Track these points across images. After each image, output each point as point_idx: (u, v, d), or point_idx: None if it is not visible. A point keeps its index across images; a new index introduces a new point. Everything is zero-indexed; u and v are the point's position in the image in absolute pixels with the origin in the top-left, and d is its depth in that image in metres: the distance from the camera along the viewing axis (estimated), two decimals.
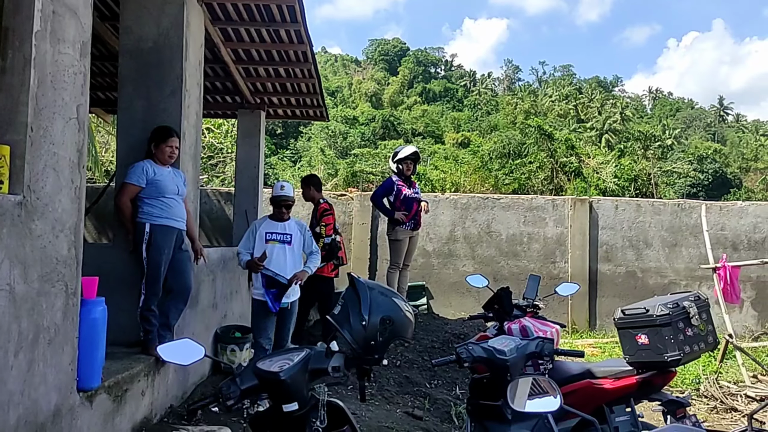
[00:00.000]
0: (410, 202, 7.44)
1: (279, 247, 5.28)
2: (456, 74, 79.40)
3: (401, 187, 7.43)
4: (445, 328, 7.68)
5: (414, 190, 7.53)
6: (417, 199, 7.51)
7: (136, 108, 4.60)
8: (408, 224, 7.49)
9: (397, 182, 7.45)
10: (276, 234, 5.30)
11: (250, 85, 7.73)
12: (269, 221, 5.39)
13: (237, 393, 2.27)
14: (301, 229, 5.45)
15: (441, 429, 5.25)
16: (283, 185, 5.41)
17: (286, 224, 5.36)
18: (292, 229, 5.39)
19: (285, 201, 5.32)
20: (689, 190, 31.93)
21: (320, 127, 43.15)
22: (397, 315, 2.32)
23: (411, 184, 7.53)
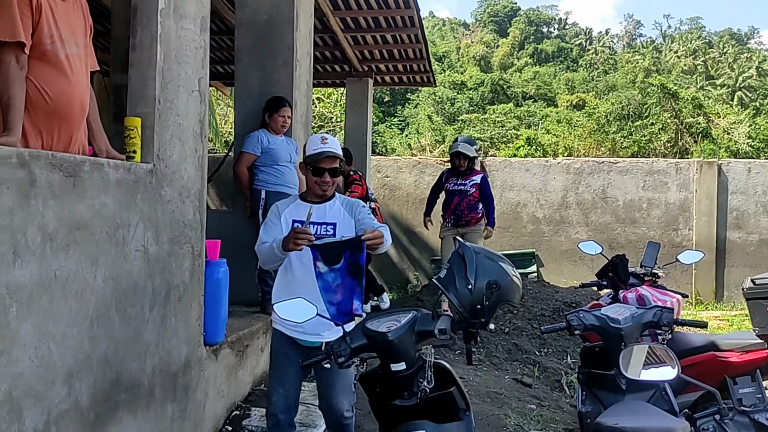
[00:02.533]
0: (451, 196, 6.70)
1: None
2: (570, 33, 75.76)
3: (448, 179, 6.77)
4: (555, 296, 7.52)
5: (459, 182, 6.66)
6: (459, 192, 6.62)
7: (251, 79, 4.80)
8: (447, 220, 6.71)
9: (447, 174, 6.83)
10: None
11: (358, 53, 7.81)
12: (299, 203, 3.06)
13: (347, 351, 2.36)
14: (350, 209, 3.06)
15: (551, 397, 5.20)
16: (325, 137, 3.04)
17: (326, 207, 3.02)
18: (334, 213, 3.03)
19: (331, 159, 2.96)
20: None
21: (427, 93, 42.86)
22: (503, 279, 2.31)
23: (462, 176, 6.67)
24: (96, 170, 2.42)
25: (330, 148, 2.93)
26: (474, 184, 6.50)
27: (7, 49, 2.27)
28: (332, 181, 2.97)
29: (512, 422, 4.42)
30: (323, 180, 2.94)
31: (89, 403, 2.41)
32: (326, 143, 2.95)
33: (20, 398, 2.04)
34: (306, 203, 3.01)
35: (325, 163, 2.92)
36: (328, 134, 3.11)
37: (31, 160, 2.06)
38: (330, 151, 2.92)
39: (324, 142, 2.97)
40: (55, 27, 2.41)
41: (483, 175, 6.56)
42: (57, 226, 2.19)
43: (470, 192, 6.53)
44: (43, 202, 2.12)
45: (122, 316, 2.59)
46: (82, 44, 2.59)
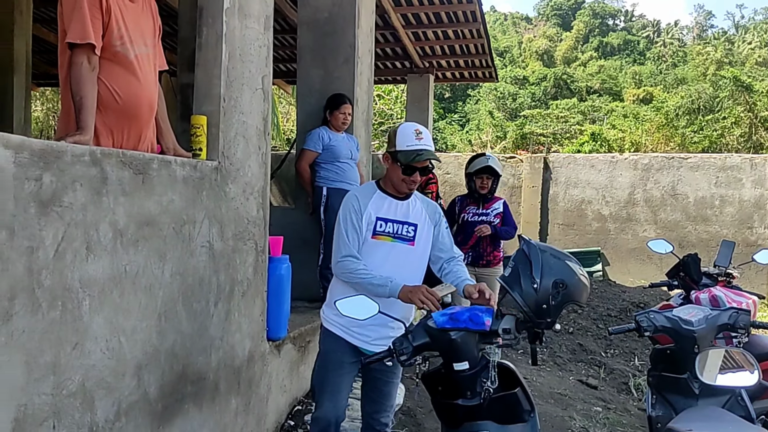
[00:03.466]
0: (468, 228, 5.04)
1: (393, 246, 2.68)
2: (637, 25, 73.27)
3: (464, 207, 5.16)
4: (622, 296, 7.30)
5: (479, 211, 5.08)
6: (480, 224, 5.03)
7: (313, 77, 4.84)
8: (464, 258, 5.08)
9: (461, 202, 5.20)
10: (391, 223, 2.69)
11: (419, 49, 7.77)
12: (381, 195, 2.72)
13: (409, 349, 2.33)
14: (432, 213, 2.79)
15: (618, 400, 5.03)
16: (420, 129, 2.68)
17: (408, 205, 2.73)
18: (416, 214, 2.74)
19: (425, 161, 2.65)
20: None
21: (488, 89, 42.36)
22: (570, 279, 2.23)
23: (483, 203, 5.11)
24: (164, 168, 2.48)
25: (426, 146, 2.63)
26: (498, 213, 5.09)
27: (79, 50, 2.34)
28: (421, 180, 2.71)
29: (577, 425, 4.29)
30: (412, 179, 2.66)
31: (157, 395, 2.47)
32: (422, 139, 2.62)
33: (92, 389, 2.11)
34: (390, 198, 2.72)
35: (419, 163, 2.63)
36: (423, 126, 2.73)
37: (102, 158, 2.13)
38: (427, 150, 2.63)
39: (419, 137, 2.61)
40: (124, 28, 2.48)
41: (503, 200, 5.22)
42: (127, 222, 2.25)
43: (494, 224, 5.03)
44: (114, 199, 2.19)
45: (188, 311, 2.65)
46: (151, 44, 2.66)
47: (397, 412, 4.00)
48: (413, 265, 2.71)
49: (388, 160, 2.68)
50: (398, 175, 2.65)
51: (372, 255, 2.59)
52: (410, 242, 2.68)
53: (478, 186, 5.04)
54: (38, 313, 1.86)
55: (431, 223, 2.76)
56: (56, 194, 1.92)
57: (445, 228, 2.82)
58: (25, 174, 1.80)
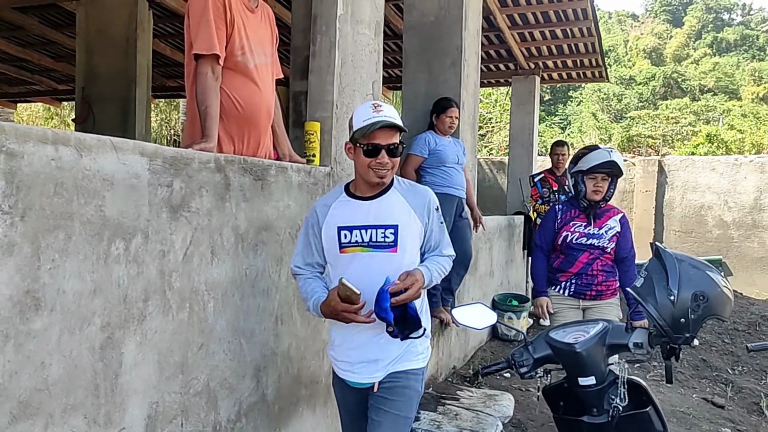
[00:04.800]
0: (572, 252, 3.62)
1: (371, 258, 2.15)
2: (756, 18, 68.28)
3: (567, 222, 3.65)
4: (750, 309, 6.75)
5: (590, 230, 3.60)
6: (589, 247, 3.59)
7: (419, 81, 4.81)
8: (563, 286, 3.66)
9: (563, 212, 3.69)
10: (360, 230, 2.16)
11: (525, 50, 7.58)
12: (346, 201, 2.20)
13: (530, 361, 2.25)
14: (420, 206, 2.20)
15: (749, 421, 4.63)
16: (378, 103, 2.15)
17: (382, 202, 2.18)
18: (396, 211, 2.18)
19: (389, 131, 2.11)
20: None
21: (591, 90, 40.91)
22: (712, 291, 2.05)
23: (594, 218, 3.62)
24: (281, 174, 2.51)
25: (387, 117, 2.07)
26: (615, 234, 3.61)
27: (204, 61, 2.42)
28: (392, 163, 2.11)
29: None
30: (380, 161, 2.08)
31: (274, 396, 2.50)
32: (381, 111, 2.08)
33: (216, 389, 2.16)
34: (355, 200, 2.17)
35: (381, 137, 2.07)
36: (382, 101, 2.21)
37: (226, 165, 2.18)
38: (388, 121, 2.05)
39: (378, 110, 2.09)
40: (246, 38, 2.55)
41: (623, 214, 3.74)
42: (247, 226, 2.30)
43: (608, 248, 3.60)
44: (236, 204, 2.24)
45: (302, 315, 2.68)
46: (269, 54, 2.71)
47: (506, 425, 3.87)
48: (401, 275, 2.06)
49: (351, 150, 2.16)
50: (363, 161, 2.10)
51: (348, 272, 2.09)
52: (391, 248, 2.11)
53: (590, 190, 3.52)
54: (169, 314, 1.92)
55: (420, 218, 2.18)
56: (185, 200, 1.98)
57: (438, 224, 2.24)
58: (158, 180, 1.86)
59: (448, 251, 2.29)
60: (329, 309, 2.03)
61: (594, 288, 3.61)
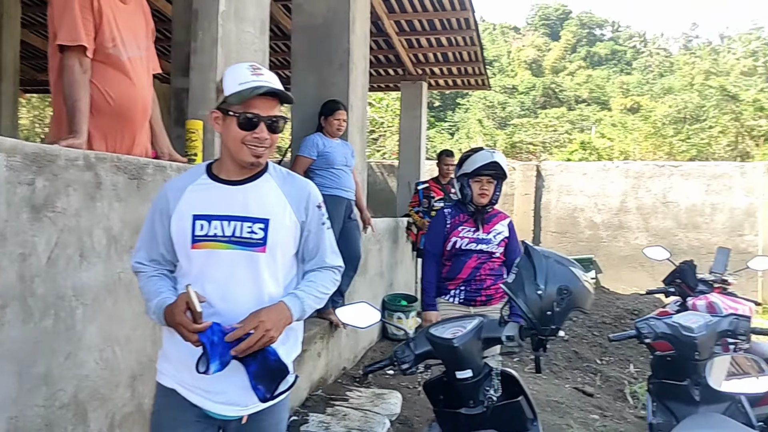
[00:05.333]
0: (461, 258, 3.48)
1: (231, 257, 1.74)
2: (624, 35, 74.01)
3: (456, 227, 3.50)
4: (615, 303, 7.29)
5: (477, 234, 3.48)
6: (478, 251, 3.47)
7: (307, 83, 4.80)
8: (452, 293, 3.52)
9: (452, 216, 3.53)
10: (220, 221, 1.74)
11: (412, 56, 7.77)
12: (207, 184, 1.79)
13: (411, 358, 2.29)
14: (298, 203, 1.82)
15: (614, 407, 5.00)
16: (258, 66, 1.77)
17: (253, 189, 1.78)
18: (269, 201, 1.79)
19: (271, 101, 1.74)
20: None
21: (478, 97, 42.54)
22: (575, 285, 2.19)
23: (482, 222, 3.51)
24: (159, 173, 2.42)
25: (269, 82, 1.69)
26: (503, 239, 3.54)
27: (71, 53, 2.29)
28: (272, 140, 1.73)
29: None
30: (258, 136, 1.69)
31: (152, 405, 2.40)
32: (261, 75, 1.70)
33: (85, 401, 2.04)
34: (220, 184, 1.76)
35: (262, 107, 1.69)
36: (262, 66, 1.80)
37: (96, 162, 2.07)
38: (271, 87, 1.68)
39: (257, 73, 1.70)
40: (117, 30, 2.43)
41: (509, 219, 3.68)
42: (122, 228, 2.20)
43: (496, 253, 3.52)
44: (109, 204, 2.13)
45: None
46: (144, 47, 2.61)
47: (394, 422, 3.95)
48: (271, 283, 1.76)
49: (219, 120, 1.73)
50: (234, 134, 1.69)
51: (201, 274, 1.71)
52: (258, 247, 1.72)
53: (476, 193, 3.42)
54: (30, 322, 1.80)
55: (297, 214, 1.80)
56: (49, 199, 1.86)
57: (319, 225, 1.86)
58: (18, 178, 1.74)
59: (333, 261, 1.93)
60: (171, 317, 1.64)
61: (483, 293, 3.52)
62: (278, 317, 1.68)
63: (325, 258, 1.91)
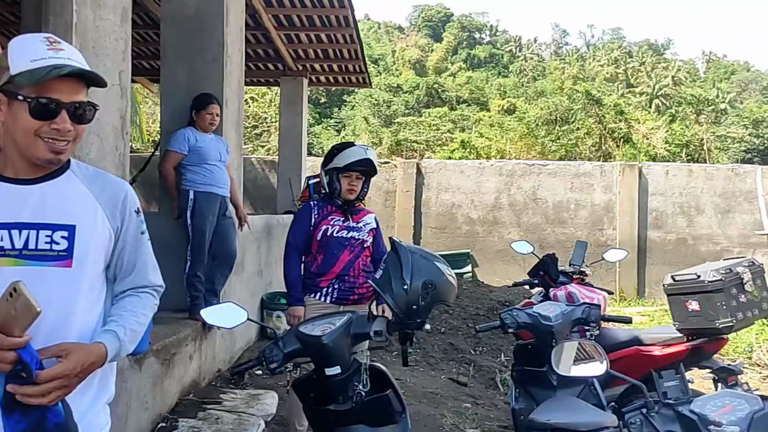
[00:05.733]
0: (334, 250, 3.44)
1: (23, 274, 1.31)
2: (501, 40, 77.66)
3: (325, 216, 3.47)
4: (489, 296, 7.63)
5: (348, 224, 3.48)
6: (349, 242, 3.47)
7: (178, 75, 4.62)
8: (324, 291, 3.44)
9: (319, 208, 3.49)
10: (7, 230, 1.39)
11: (292, 51, 7.69)
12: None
13: (280, 356, 2.27)
14: (114, 206, 1.53)
15: (486, 395, 5.24)
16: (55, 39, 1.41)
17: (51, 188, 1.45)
18: (74, 203, 1.47)
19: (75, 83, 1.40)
20: (743, 156, 30.63)
21: (364, 95, 42.96)
22: (439, 279, 2.27)
23: (352, 214, 3.51)
24: None
25: (73, 61, 1.38)
26: (371, 230, 3.58)
27: None
28: (76, 132, 1.43)
29: (448, 422, 4.42)
30: (58, 127, 1.38)
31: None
32: (61, 51, 1.38)
33: None
34: (5, 184, 1.42)
35: (64, 91, 1.38)
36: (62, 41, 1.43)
37: None
38: (76, 67, 1.38)
39: (55, 47, 1.38)
40: None
41: (374, 214, 3.74)
42: None
43: (367, 242, 3.54)
44: None
45: None
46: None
47: (269, 423, 3.90)
48: (81, 307, 1.45)
49: (2, 104, 1.39)
50: (25, 124, 1.36)
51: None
52: (62, 261, 1.41)
53: (345, 188, 3.40)
54: None
55: (111, 220, 1.52)
56: None
57: (138, 235, 1.59)
58: None
59: (154, 279, 1.62)
60: None
61: (356, 291, 3.46)
62: (89, 360, 1.36)
63: (145, 276, 1.59)
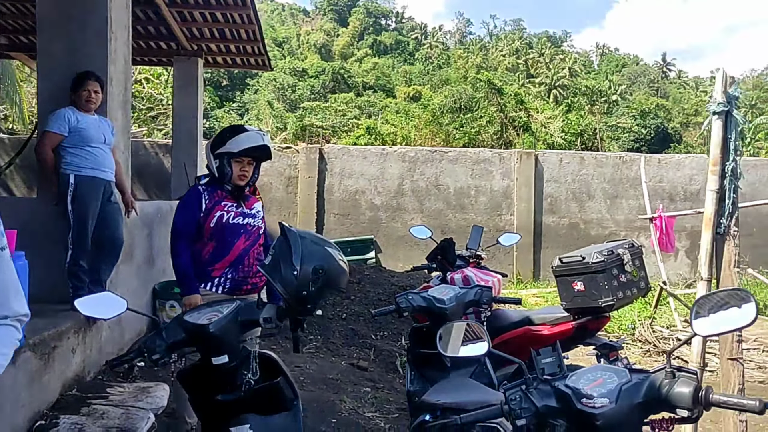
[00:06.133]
0: (228, 237, 3.28)
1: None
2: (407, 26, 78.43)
3: (217, 202, 3.27)
4: (391, 281, 7.70)
5: (241, 209, 3.33)
6: (244, 228, 3.32)
7: (56, 52, 4.30)
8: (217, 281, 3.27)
9: (210, 193, 3.28)
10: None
11: (186, 30, 7.36)
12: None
13: (163, 347, 2.18)
14: None
15: (386, 379, 5.29)
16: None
17: None
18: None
19: None
20: (633, 145, 32.70)
21: (268, 79, 42.15)
22: (330, 264, 2.24)
23: (243, 201, 3.36)
24: None
25: None
26: (262, 216, 3.51)
27: None
28: None
29: (347, 407, 4.43)
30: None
31: None
32: None
33: None
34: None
35: None
36: None
37: None
38: None
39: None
40: None
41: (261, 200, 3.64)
42: None
43: (262, 228, 3.46)
44: None
45: None
46: None
47: (160, 416, 3.75)
48: None
49: None
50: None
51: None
52: None
53: (236, 174, 3.26)
54: None
55: None
56: None
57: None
58: None
59: (17, 308, 1.40)
60: None
61: (250, 281, 3.33)
62: None
63: (5, 303, 1.35)
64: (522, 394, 1.73)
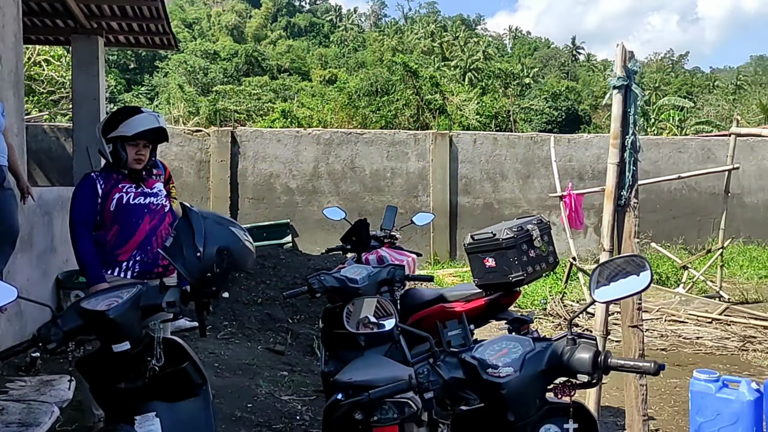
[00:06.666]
0: (133, 219, 3.19)
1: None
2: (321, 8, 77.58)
3: (115, 185, 3.19)
4: (308, 264, 7.67)
5: (145, 191, 3.26)
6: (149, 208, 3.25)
7: None
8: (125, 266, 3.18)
9: (105, 179, 3.18)
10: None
11: (84, 7, 6.95)
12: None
13: (59, 335, 2.08)
14: None
15: (303, 362, 5.29)
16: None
17: None
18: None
19: None
20: (545, 127, 33.92)
21: (178, 61, 40.68)
22: (235, 245, 2.20)
23: (143, 181, 3.27)
24: None
25: None
26: (166, 195, 3.44)
27: None
28: None
29: (263, 391, 4.40)
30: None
31: None
32: None
33: None
34: None
35: None
36: None
37: None
38: None
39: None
40: None
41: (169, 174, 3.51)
42: None
43: (167, 207, 3.38)
44: None
45: None
46: None
47: (66, 409, 3.60)
48: None
49: None
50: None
51: None
52: None
53: (132, 158, 3.14)
54: None
55: None
56: None
57: None
58: None
59: None
60: None
61: (161, 263, 3.21)
62: None
63: None
64: (429, 368, 1.75)
